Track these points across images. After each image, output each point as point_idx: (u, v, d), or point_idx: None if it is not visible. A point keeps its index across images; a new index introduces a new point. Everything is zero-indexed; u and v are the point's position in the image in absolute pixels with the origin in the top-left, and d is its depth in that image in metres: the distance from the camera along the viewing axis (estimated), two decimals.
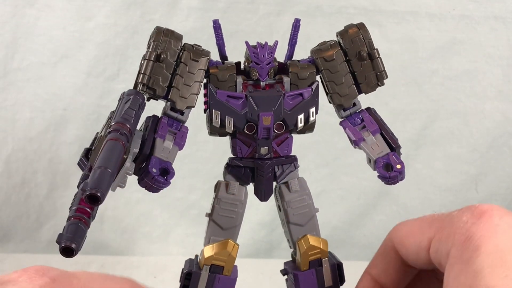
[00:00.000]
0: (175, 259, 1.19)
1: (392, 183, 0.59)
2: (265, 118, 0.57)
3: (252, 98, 0.57)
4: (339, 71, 0.59)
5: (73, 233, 0.44)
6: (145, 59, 0.56)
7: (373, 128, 0.60)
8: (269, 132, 0.58)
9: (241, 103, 0.57)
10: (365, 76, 0.60)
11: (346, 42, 0.59)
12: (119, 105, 0.54)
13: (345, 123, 0.60)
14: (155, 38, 0.56)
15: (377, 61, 0.60)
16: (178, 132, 0.57)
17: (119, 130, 0.49)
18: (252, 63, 0.58)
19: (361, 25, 0.60)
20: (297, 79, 0.59)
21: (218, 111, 0.57)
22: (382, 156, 0.59)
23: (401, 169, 0.58)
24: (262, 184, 0.60)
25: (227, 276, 0.59)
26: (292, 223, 0.61)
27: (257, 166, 0.59)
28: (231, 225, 0.59)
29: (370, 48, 0.59)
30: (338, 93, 0.59)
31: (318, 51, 0.59)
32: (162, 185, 0.55)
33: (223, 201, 0.59)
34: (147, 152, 0.55)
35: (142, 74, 0.56)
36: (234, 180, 0.60)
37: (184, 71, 0.57)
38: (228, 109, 0.57)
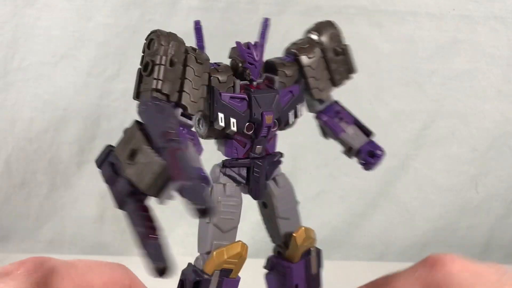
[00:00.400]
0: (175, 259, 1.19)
1: (373, 168, 0.64)
2: (268, 117, 0.57)
3: (255, 98, 0.57)
4: (318, 66, 0.62)
5: (157, 252, 0.44)
6: (156, 64, 0.53)
7: (350, 119, 0.65)
8: (268, 130, 0.58)
9: (243, 103, 0.57)
10: (338, 70, 0.63)
11: (323, 39, 0.62)
12: (151, 115, 0.50)
13: (323, 116, 0.64)
14: (163, 42, 0.54)
15: (348, 56, 0.64)
16: (192, 137, 0.56)
17: (175, 139, 0.46)
18: (246, 64, 0.58)
19: (331, 23, 0.64)
20: (285, 77, 0.60)
21: (222, 113, 0.57)
22: (363, 144, 0.64)
23: (382, 153, 0.63)
24: (258, 182, 0.60)
25: (233, 279, 0.59)
26: (281, 217, 0.62)
27: (254, 165, 0.60)
28: (231, 227, 0.59)
29: (342, 44, 0.63)
30: (317, 88, 0.62)
31: (300, 49, 0.62)
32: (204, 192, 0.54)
33: (222, 203, 0.59)
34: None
35: (156, 79, 0.53)
36: (231, 182, 0.60)
37: (191, 75, 0.55)
38: (232, 110, 0.57)
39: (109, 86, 1.15)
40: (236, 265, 0.58)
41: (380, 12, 1.13)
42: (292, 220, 0.63)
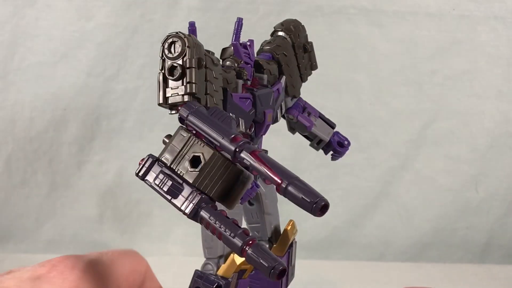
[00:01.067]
0: (175, 259, 1.19)
1: (338, 158, 0.69)
2: (269, 115, 0.59)
3: (258, 97, 0.58)
4: (292, 64, 0.64)
5: (268, 254, 0.41)
6: (190, 67, 0.50)
7: (316, 113, 0.67)
8: (267, 128, 0.59)
9: (249, 103, 0.57)
10: (305, 66, 0.65)
11: (294, 37, 0.64)
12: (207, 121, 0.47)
13: (293, 111, 0.65)
14: (188, 43, 0.50)
15: (312, 53, 0.66)
16: None
17: (248, 142, 0.45)
18: (243, 63, 0.58)
19: (297, 21, 0.65)
20: (270, 75, 0.61)
21: (233, 114, 0.55)
22: (331, 136, 0.67)
23: (348, 144, 0.68)
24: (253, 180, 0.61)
25: (244, 279, 0.59)
26: (267, 213, 0.64)
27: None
28: None
29: (308, 41, 0.65)
30: (292, 85, 0.64)
31: (277, 47, 0.63)
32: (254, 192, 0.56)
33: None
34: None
35: (189, 83, 0.50)
36: None
37: (211, 77, 0.53)
38: (241, 111, 0.56)
39: (109, 86, 1.15)
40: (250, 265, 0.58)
41: (380, 12, 1.13)
42: (274, 215, 0.65)
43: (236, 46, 0.58)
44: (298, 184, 0.41)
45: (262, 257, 0.41)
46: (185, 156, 0.47)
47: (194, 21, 0.55)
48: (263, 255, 0.41)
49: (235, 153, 0.44)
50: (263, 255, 0.41)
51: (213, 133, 0.45)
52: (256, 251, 0.41)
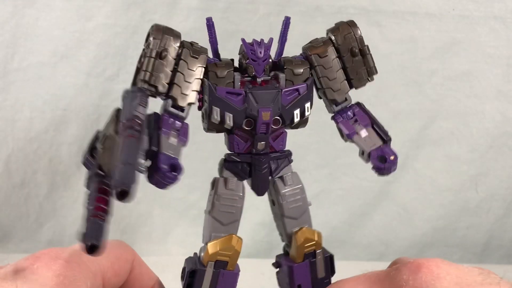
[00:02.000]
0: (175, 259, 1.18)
1: (386, 174, 0.61)
2: (265, 114, 0.58)
3: (251, 94, 0.58)
4: (332, 67, 0.60)
5: (96, 231, 0.45)
6: (146, 56, 0.57)
7: (365, 122, 0.62)
8: (267, 128, 0.59)
9: (240, 99, 0.58)
10: (356, 71, 0.62)
11: (338, 39, 0.61)
12: (126, 103, 0.54)
13: (338, 117, 0.62)
14: (155, 35, 0.57)
15: (368, 57, 0.62)
16: (180, 129, 0.58)
17: (133, 127, 0.49)
18: (249, 60, 0.58)
19: (351, 23, 0.62)
20: (292, 75, 0.60)
21: (218, 107, 0.58)
22: (375, 148, 0.61)
23: (394, 160, 0.60)
24: (259, 179, 0.61)
25: (231, 271, 0.60)
26: (287, 216, 0.62)
27: (254, 161, 0.60)
28: (231, 220, 0.60)
29: (361, 44, 0.61)
30: (331, 88, 0.61)
31: (312, 47, 0.61)
32: (172, 180, 0.55)
33: (223, 197, 0.60)
34: (155, 149, 0.56)
35: (144, 71, 0.57)
36: (232, 176, 0.61)
37: (184, 68, 0.57)
38: (227, 105, 0.58)
39: (109, 86, 1.15)
40: (230, 257, 0.59)
41: (380, 12, 1.13)
42: (299, 221, 0.62)
43: (243, 42, 0.59)
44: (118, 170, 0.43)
45: (88, 230, 0.45)
46: (102, 133, 0.53)
47: (211, 17, 0.59)
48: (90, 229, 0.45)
49: (119, 132, 0.49)
50: (89, 228, 0.45)
51: (121, 115, 0.51)
52: (90, 222, 0.45)
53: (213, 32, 0.60)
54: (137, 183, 0.43)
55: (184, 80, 0.57)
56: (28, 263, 0.49)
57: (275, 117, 0.59)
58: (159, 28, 0.58)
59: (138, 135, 0.48)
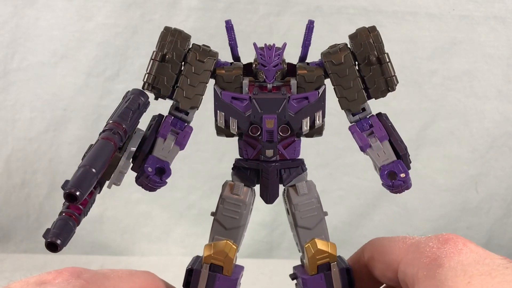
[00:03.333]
0: (175, 259, 1.19)
1: (396, 192, 0.59)
2: (268, 121, 0.56)
3: (255, 100, 0.56)
4: (347, 75, 0.58)
5: (60, 229, 0.45)
6: (151, 59, 0.57)
7: (381, 135, 0.59)
8: (272, 135, 0.57)
9: (245, 105, 0.57)
10: (374, 81, 0.59)
11: (355, 45, 0.57)
12: (119, 104, 0.54)
13: (353, 128, 0.59)
14: (162, 38, 0.57)
15: (387, 66, 0.59)
16: (181, 131, 0.57)
17: (112, 129, 0.49)
18: (259, 65, 0.57)
19: (372, 29, 0.58)
20: (304, 82, 0.58)
21: (223, 112, 0.57)
22: (387, 163, 0.58)
23: (405, 178, 0.58)
24: (267, 186, 0.59)
25: (227, 276, 0.59)
26: (300, 226, 0.61)
27: (262, 169, 0.59)
28: (234, 226, 0.59)
29: (379, 52, 0.58)
30: (346, 98, 0.58)
31: (328, 54, 0.58)
32: (158, 184, 0.55)
33: (226, 201, 0.59)
34: (146, 150, 0.56)
35: (148, 73, 0.56)
36: (239, 181, 0.60)
37: (189, 72, 0.57)
38: (232, 110, 0.57)
39: (109, 86, 1.15)
40: (224, 262, 0.58)
41: (380, 12, 1.13)
42: (313, 231, 0.61)
43: (255, 47, 0.57)
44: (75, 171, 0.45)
45: (53, 225, 0.46)
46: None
47: (230, 19, 0.58)
48: (54, 224, 0.46)
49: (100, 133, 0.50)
50: (54, 224, 0.46)
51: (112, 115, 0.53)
52: (58, 220, 0.46)
53: (232, 34, 0.58)
54: (89, 187, 0.43)
55: (188, 83, 0.57)
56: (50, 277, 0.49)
57: (282, 125, 0.57)
58: (167, 30, 0.57)
59: (114, 139, 0.48)
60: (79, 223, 0.47)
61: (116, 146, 0.49)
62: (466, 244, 0.49)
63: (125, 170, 0.54)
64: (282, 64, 0.58)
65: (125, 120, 0.51)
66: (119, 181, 0.54)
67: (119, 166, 0.53)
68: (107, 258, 1.20)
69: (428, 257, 0.49)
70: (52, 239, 0.44)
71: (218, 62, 0.58)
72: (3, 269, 1.13)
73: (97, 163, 0.45)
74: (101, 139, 0.48)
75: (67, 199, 0.42)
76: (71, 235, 0.46)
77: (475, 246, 0.49)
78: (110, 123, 0.51)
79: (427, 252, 0.49)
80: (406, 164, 0.59)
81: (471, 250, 0.49)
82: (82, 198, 0.42)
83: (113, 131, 0.49)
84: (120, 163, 0.53)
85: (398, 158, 0.59)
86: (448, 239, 0.50)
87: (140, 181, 0.55)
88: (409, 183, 0.58)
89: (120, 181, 0.54)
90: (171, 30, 0.57)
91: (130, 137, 0.55)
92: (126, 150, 0.54)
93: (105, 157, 0.47)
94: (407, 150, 0.59)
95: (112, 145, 0.48)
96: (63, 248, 0.45)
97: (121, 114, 0.52)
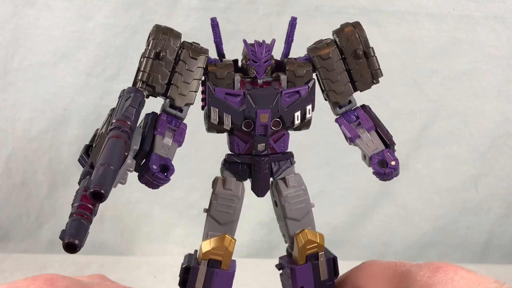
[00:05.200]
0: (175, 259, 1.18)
1: (386, 179, 0.60)
2: (263, 115, 0.58)
3: (250, 96, 0.58)
4: (335, 69, 0.60)
5: (76, 229, 0.45)
6: (144, 57, 0.57)
7: (368, 125, 0.61)
8: (266, 129, 0.58)
9: (239, 100, 0.58)
10: (360, 74, 0.61)
11: (342, 40, 0.60)
12: (119, 103, 0.54)
13: (341, 120, 0.61)
14: (154, 36, 0.57)
15: (372, 60, 0.61)
16: (177, 129, 0.58)
17: (120, 127, 0.49)
18: (250, 61, 0.58)
19: (356, 24, 0.61)
20: (294, 76, 0.59)
21: (217, 108, 0.58)
22: (377, 153, 0.59)
23: (395, 165, 0.59)
24: (259, 180, 0.61)
25: (225, 271, 0.60)
26: (289, 218, 0.62)
27: (254, 163, 0.60)
28: (228, 220, 0.60)
29: (365, 46, 0.60)
30: (334, 91, 0.60)
31: (315, 49, 0.60)
32: (162, 181, 0.55)
33: (220, 196, 0.60)
34: (147, 149, 0.56)
35: (142, 71, 0.57)
36: (231, 176, 0.61)
37: (183, 69, 0.58)
38: (226, 106, 0.58)
39: (109, 86, 1.15)
40: (223, 257, 0.59)
41: (380, 12, 1.13)
42: (302, 222, 0.62)
43: (245, 44, 0.59)
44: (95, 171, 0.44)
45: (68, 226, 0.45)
46: (97, 132, 0.54)
47: (215, 17, 0.59)
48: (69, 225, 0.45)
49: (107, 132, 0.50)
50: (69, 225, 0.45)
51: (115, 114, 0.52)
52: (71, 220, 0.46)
53: (218, 32, 0.60)
54: (111, 185, 0.43)
55: (182, 80, 0.58)
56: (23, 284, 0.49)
57: (274, 119, 0.59)
58: (159, 28, 0.58)
59: (124, 137, 0.48)
60: (91, 222, 0.47)
61: (126, 144, 0.49)
62: (457, 272, 0.50)
63: (132, 169, 0.54)
64: (271, 60, 0.59)
65: (130, 118, 0.51)
66: (125, 179, 0.54)
67: (126, 165, 0.53)
68: (107, 258, 1.20)
69: (420, 286, 0.50)
70: (70, 240, 0.44)
71: (209, 59, 0.59)
72: (3, 269, 1.13)
73: (113, 161, 0.45)
74: (111, 137, 0.48)
75: (93, 198, 0.42)
76: (87, 235, 0.46)
77: (466, 273, 0.50)
78: (117, 121, 0.50)
79: (419, 281, 0.50)
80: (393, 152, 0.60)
81: (462, 277, 0.49)
82: (107, 196, 0.42)
83: (121, 130, 0.49)
84: (126, 162, 0.53)
85: (386, 147, 0.60)
86: (438, 267, 0.51)
87: (144, 179, 0.56)
88: (398, 171, 0.60)
89: (125, 180, 0.54)
90: (162, 27, 0.58)
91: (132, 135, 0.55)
92: (131, 149, 0.54)
93: (119, 154, 0.46)
94: (393, 139, 0.61)
95: (123, 143, 0.48)
96: (81, 248, 0.45)
97: (125, 112, 0.52)
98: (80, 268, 1.14)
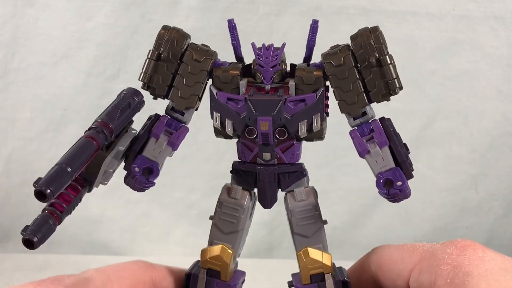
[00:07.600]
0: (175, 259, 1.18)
1: (393, 201, 0.57)
2: (263, 123, 0.54)
3: (250, 102, 0.55)
4: (347, 77, 0.55)
5: (38, 227, 0.45)
6: (147, 58, 0.56)
7: (381, 140, 0.56)
8: (268, 138, 0.55)
9: (241, 106, 0.55)
10: (374, 84, 0.55)
11: (355, 47, 0.55)
12: (111, 103, 0.55)
13: (353, 133, 0.57)
14: (159, 37, 0.56)
15: (387, 68, 0.56)
16: (175, 132, 0.56)
17: (97, 128, 0.50)
18: (257, 66, 0.56)
19: (374, 29, 0.55)
20: (302, 83, 0.55)
21: (218, 113, 0.56)
22: (384, 170, 0.55)
23: (401, 186, 0.55)
24: (265, 190, 0.58)
25: (224, 282, 0.57)
26: (296, 233, 0.59)
27: (259, 172, 0.57)
28: (232, 230, 0.58)
29: (380, 54, 0.55)
30: (345, 101, 0.55)
31: (327, 55, 0.56)
32: (144, 185, 0.55)
33: (224, 204, 0.58)
34: (136, 150, 0.55)
35: (143, 73, 0.56)
36: (237, 185, 0.58)
37: (185, 71, 0.56)
38: (228, 111, 0.56)
39: (109, 86, 1.15)
40: (220, 267, 0.57)
41: (380, 12, 1.13)
42: (310, 239, 0.58)
43: (253, 47, 0.56)
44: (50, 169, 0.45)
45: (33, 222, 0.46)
46: None
47: (232, 19, 0.56)
48: (34, 221, 0.47)
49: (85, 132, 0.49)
50: (35, 221, 0.47)
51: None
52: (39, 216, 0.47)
53: (235, 34, 0.56)
54: (62, 184, 0.43)
55: (184, 83, 0.56)
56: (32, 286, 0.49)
57: (278, 127, 0.56)
58: (165, 29, 0.56)
59: (98, 138, 0.48)
60: (60, 221, 0.47)
61: (99, 146, 0.48)
62: (485, 251, 0.48)
63: (111, 169, 0.54)
64: (281, 65, 0.56)
65: (112, 119, 0.51)
66: (106, 180, 0.54)
67: (104, 165, 0.52)
68: (107, 258, 1.19)
69: (448, 264, 0.47)
70: (29, 236, 0.44)
71: (216, 62, 0.57)
72: (3, 269, 1.13)
73: (74, 162, 0.45)
74: (85, 137, 0.48)
75: (37, 197, 0.42)
76: (49, 234, 0.46)
77: (494, 253, 0.48)
78: (97, 122, 0.51)
79: (446, 259, 0.47)
80: (407, 172, 0.56)
81: (492, 257, 0.47)
82: (52, 197, 0.42)
83: (97, 130, 0.49)
84: (105, 162, 0.52)
85: (397, 166, 0.55)
86: (466, 246, 0.49)
87: (128, 181, 0.55)
88: (407, 192, 0.55)
89: (107, 180, 0.54)
90: (169, 28, 0.56)
91: (121, 136, 0.55)
92: (114, 149, 0.54)
93: (84, 156, 0.46)
94: (408, 157, 0.56)
95: (95, 144, 0.48)
96: (39, 246, 0.45)
97: (108, 113, 0.52)
98: (80, 268, 1.14)
